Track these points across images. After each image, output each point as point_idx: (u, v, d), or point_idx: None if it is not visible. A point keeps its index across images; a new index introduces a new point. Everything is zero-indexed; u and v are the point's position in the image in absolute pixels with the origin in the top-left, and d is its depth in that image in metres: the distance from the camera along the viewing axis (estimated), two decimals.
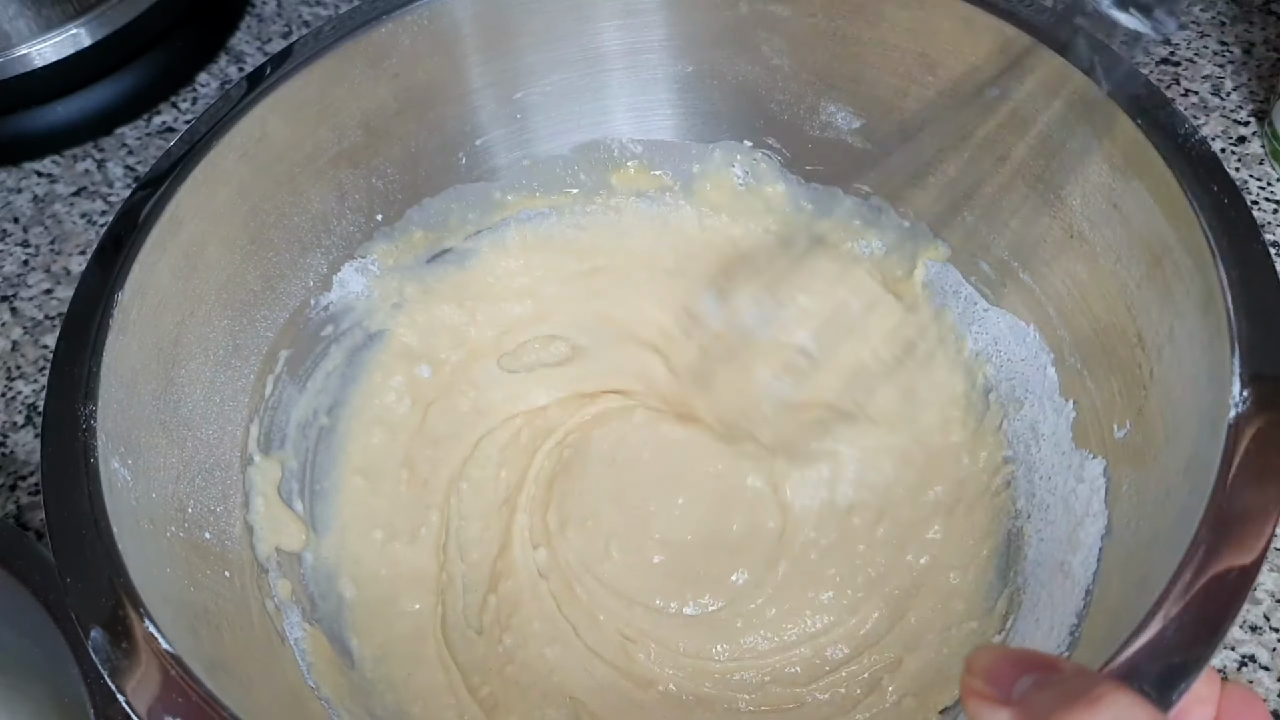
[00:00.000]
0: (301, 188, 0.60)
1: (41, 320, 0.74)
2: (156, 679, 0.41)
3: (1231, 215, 0.46)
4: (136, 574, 0.43)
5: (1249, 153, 0.75)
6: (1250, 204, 0.71)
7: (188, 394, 0.54)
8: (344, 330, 0.65)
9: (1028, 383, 0.60)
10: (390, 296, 0.66)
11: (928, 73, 0.59)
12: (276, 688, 0.51)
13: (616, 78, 0.65)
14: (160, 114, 0.86)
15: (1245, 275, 0.45)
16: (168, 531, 0.49)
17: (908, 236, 0.65)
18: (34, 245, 0.78)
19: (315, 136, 0.59)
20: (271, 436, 0.60)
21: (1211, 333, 0.45)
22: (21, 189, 0.82)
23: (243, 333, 0.58)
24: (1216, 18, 0.84)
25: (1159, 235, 0.49)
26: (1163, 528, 0.45)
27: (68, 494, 0.44)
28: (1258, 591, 0.57)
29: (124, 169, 0.83)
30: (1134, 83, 0.51)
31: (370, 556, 0.61)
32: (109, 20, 0.81)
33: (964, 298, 0.63)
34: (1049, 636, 0.50)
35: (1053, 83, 0.53)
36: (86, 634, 0.42)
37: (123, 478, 0.47)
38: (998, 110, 0.57)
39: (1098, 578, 0.49)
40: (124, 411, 0.49)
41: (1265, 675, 0.55)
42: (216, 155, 0.54)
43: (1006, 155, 0.57)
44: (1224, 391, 0.43)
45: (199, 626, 0.47)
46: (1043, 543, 0.55)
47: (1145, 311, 0.50)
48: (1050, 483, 0.57)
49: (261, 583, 0.55)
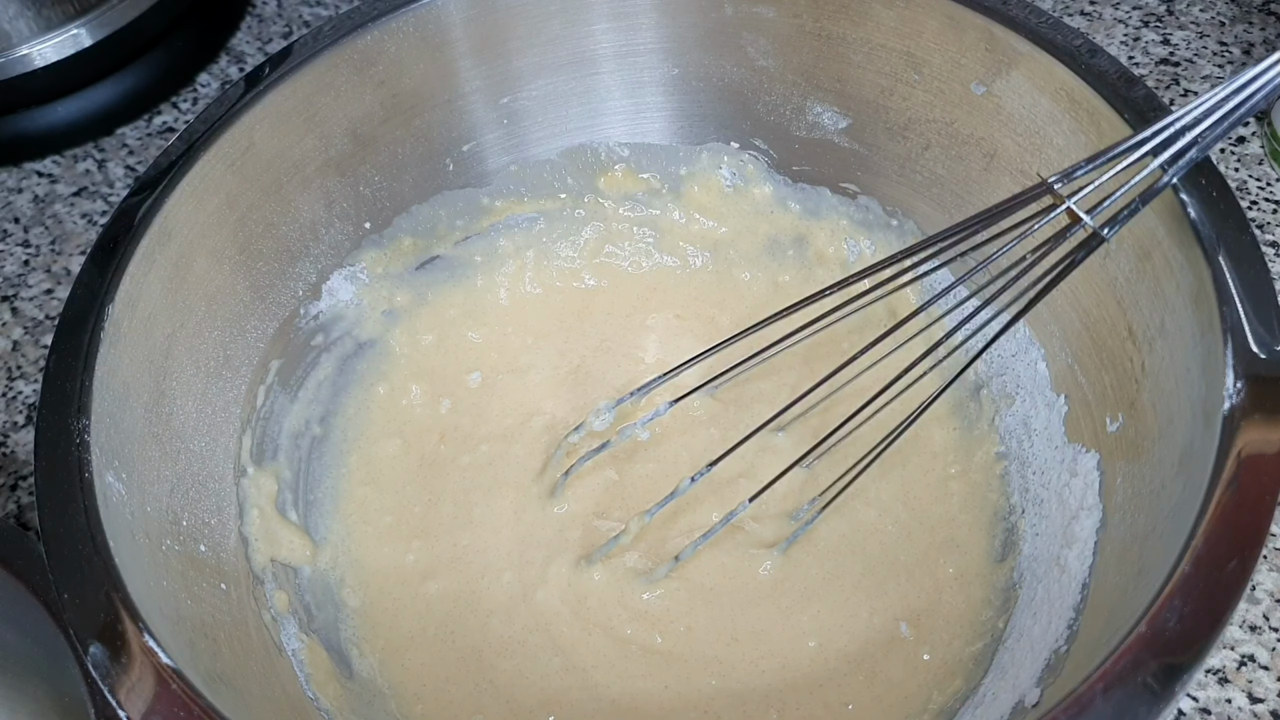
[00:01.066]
0: (289, 197, 0.59)
1: (42, 320, 0.74)
2: (157, 693, 0.41)
3: (1220, 208, 0.46)
4: (134, 588, 0.43)
5: (1248, 153, 0.75)
6: (1249, 204, 0.72)
7: (180, 406, 0.54)
8: (334, 339, 0.64)
9: (1019, 378, 0.60)
10: (380, 304, 0.66)
11: (914, 71, 0.59)
12: (275, 699, 0.51)
13: (603, 81, 0.65)
14: (161, 114, 0.86)
15: (1236, 268, 0.45)
16: (163, 545, 0.49)
17: (895, 235, 0.65)
18: (34, 245, 0.78)
19: (302, 145, 0.59)
20: (264, 447, 0.60)
21: (1203, 325, 0.45)
22: (22, 189, 0.82)
23: (233, 343, 0.58)
24: (1216, 18, 0.84)
25: (1148, 229, 0.49)
26: (1158, 521, 0.45)
27: (63, 509, 0.44)
28: (1256, 591, 0.58)
29: (124, 169, 0.82)
30: (1122, 79, 0.51)
31: (375, 566, 0.61)
32: (110, 20, 0.81)
33: (952, 294, 0.63)
34: (1046, 631, 0.50)
35: (1039, 79, 0.54)
36: (85, 649, 0.41)
37: (117, 491, 0.47)
38: (984, 107, 0.57)
39: (1094, 572, 0.49)
40: (117, 425, 0.48)
41: (1264, 675, 0.55)
42: (204, 166, 0.54)
43: (994, 152, 0.58)
44: (1217, 384, 0.43)
45: (197, 639, 0.47)
46: (1038, 538, 0.56)
47: (1135, 305, 0.51)
48: (1044, 478, 0.57)
49: (258, 594, 0.55)
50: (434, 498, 0.64)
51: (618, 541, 0.60)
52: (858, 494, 0.61)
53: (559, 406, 0.67)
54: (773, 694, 0.56)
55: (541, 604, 0.60)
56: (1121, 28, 0.84)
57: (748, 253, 0.70)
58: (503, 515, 0.63)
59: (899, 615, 0.58)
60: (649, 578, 0.60)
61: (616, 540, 0.60)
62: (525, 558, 0.61)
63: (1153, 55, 0.82)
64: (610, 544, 0.60)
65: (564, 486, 0.63)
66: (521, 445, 0.66)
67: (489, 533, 0.62)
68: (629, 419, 0.63)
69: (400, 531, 0.62)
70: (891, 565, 0.60)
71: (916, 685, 0.56)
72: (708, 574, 0.60)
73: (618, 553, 0.61)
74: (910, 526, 0.61)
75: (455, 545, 0.62)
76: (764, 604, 0.59)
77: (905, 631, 0.57)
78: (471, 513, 0.63)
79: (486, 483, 0.64)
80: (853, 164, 0.65)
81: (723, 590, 0.60)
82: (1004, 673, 0.52)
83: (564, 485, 0.63)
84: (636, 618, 0.59)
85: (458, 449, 0.65)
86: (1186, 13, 0.85)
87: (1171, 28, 0.84)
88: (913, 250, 0.51)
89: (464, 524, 0.63)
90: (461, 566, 0.61)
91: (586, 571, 0.60)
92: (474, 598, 0.60)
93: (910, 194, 0.63)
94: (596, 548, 0.61)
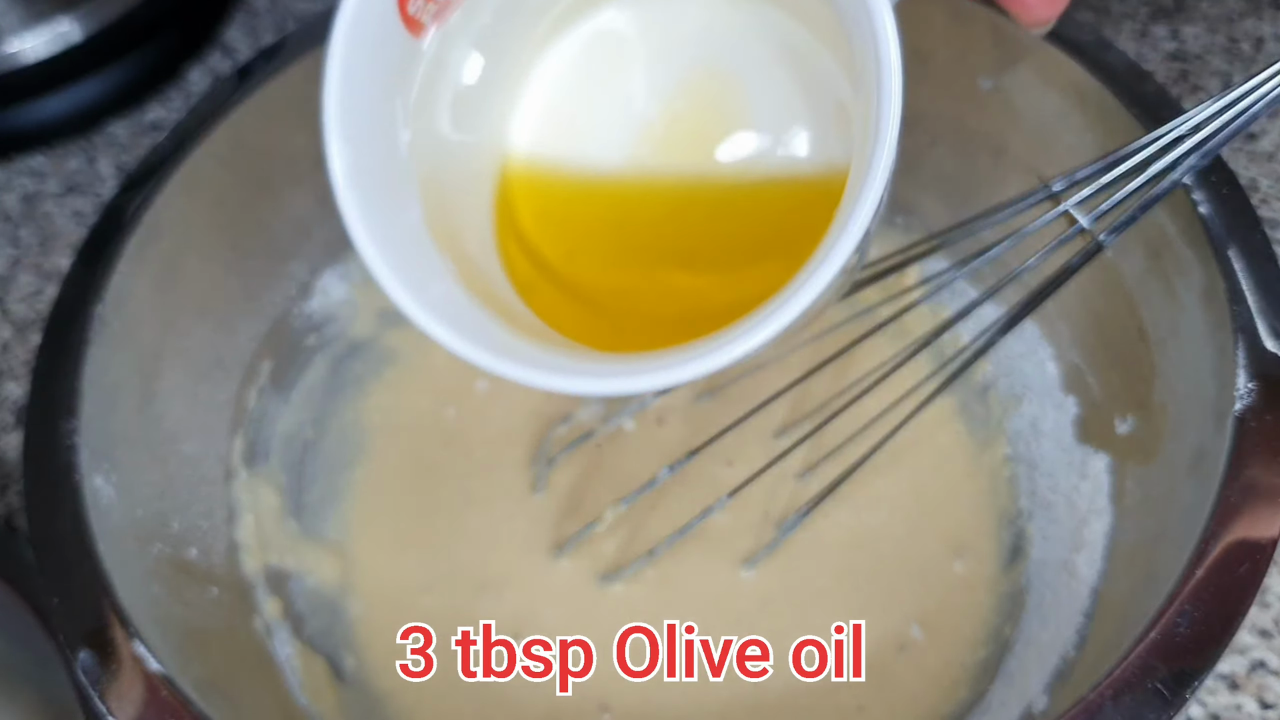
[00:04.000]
0: (281, 194, 0.58)
1: (32, 320, 0.73)
2: (147, 699, 0.40)
3: (1231, 206, 0.46)
4: (123, 593, 0.43)
5: (1259, 150, 0.75)
6: (1260, 202, 0.71)
7: (170, 408, 0.53)
8: (327, 340, 0.64)
9: (1027, 378, 0.59)
10: (374, 304, 0.65)
11: (920, 65, 0.58)
12: (266, 706, 0.51)
13: None
14: (151, 110, 0.86)
15: (1248, 266, 0.44)
16: (153, 549, 0.49)
17: (900, 232, 0.64)
18: (24, 244, 0.77)
19: (294, 141, 0.58)
20: (256, 450, 0.59)
21: (1215, 325, 0.44)
22: (11, 187, 0.81)
23: (224, 343, 0.57)
24: (1226, 13, 0.83)
25: (1158, 227, 0.48)
26: (1169, 524, 0.44)
27: (52, 513, 0.44)
28: (1267, 596, 0.57)
29: (114, 166, 0.82)
30: (1132, 74, 0.50)
31: (372, 573, 0.60)
32: (99, 15, 0.80)
33: (958, 292, 0.63)
34: (1056, 637, 0.49)
35: (1048, 74, 0.53)
36: (74, 654, 0.41)
37: (107, 495, 0.46)
38: (992, 103, 0.56)
39: (1104, 576, 0.49)
40: (106, 427, 0.48)
41: (1275, 681, 0.54)
42: (194, 163, 0.53)
43: (1002, 148, 0.57)
44: (1229, 384, 0.42)
45: (187, 646, 0.46)
46: (1046, 542, 0.55)
47: (1146, 304, 0.50)
48: (1053, 480, 0.56)
49: (249, 600, 0.55)
50: (430, 508, 0.63)
51: (592, 529, 0.59)
52: (867, 492, 0.60)
53: (558, 409, 0.66)
54: (786, 697, 0.56)
55: (543, 615, 0.59)
56: (1130, 22, 0.83)
57: None
58: (498, 528, 0.62)
59: (911, 616, 0.57)
60: (616, 576, 0.59)
61: (591, 528, 0.59)
62: (524, 571, 0.61)
63: (1161, 50, 0.81)
64: (584, 531, 0.59)
65: (547, 477, 0.62)
66: (519, 449, 0.65)
67: (485, 546, 0.62)
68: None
69: (399, 541, 0.62)
70: (903, 565, 0.59)
71: (926, 689, 0.55)
72: (710, 577, 0.60)
73: (619, 561, 0.60)
74: (921, 526, 0.60)
75: (451, 559, 0.61)
76: (779, 600, 0.59)
77: (917, 634, 0.57)
78: (467, 525, 0.62)
79: (484, 491, 0.63)
80: None
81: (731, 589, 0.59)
82: (1012, 679, 0.51)
83: (547, 475, 0.62)
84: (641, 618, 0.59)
85: (457, 456, 0.65)
86: (1196, 7, 0.84)
87: (1180, 22, 0.83)
88: (910, 250, 0.51)
89: (459, 536, 0.62)
90: (458, 580, 0.60)
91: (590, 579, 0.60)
92: (471, 613, 0.59)
93: (916, 190, 0.62)
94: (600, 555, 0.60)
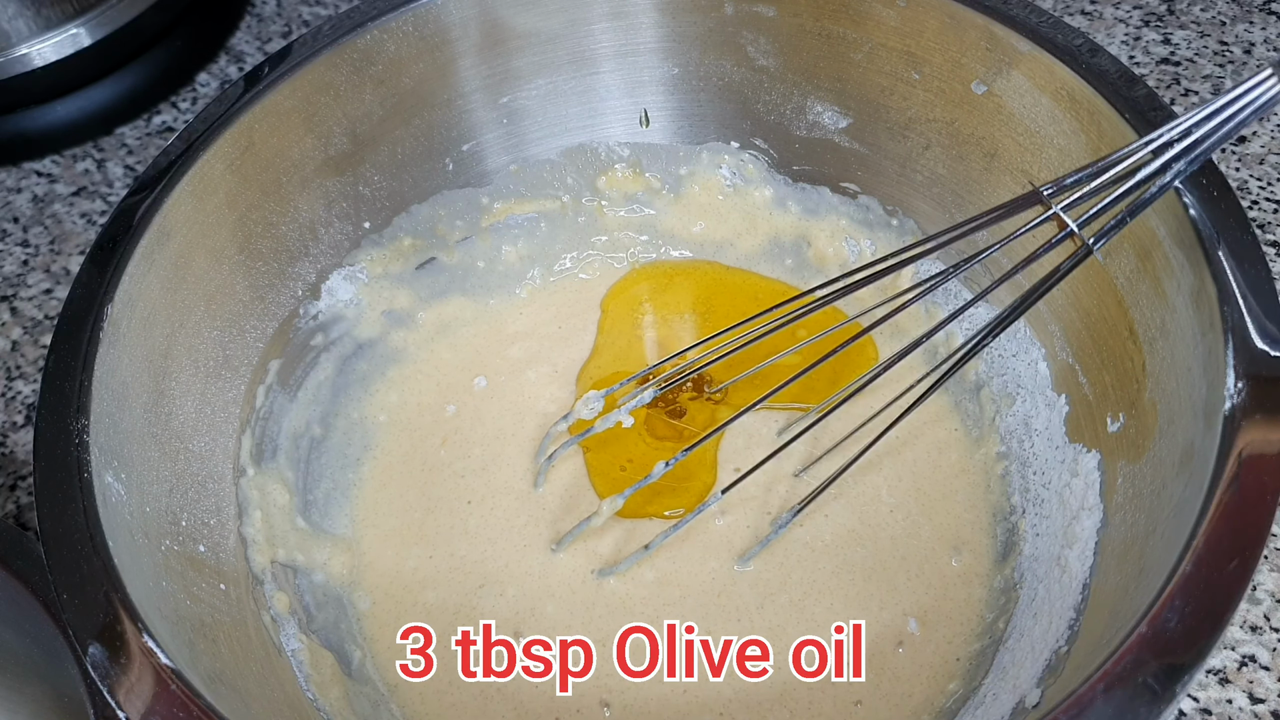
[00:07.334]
0: (289, 196, 0.59)
1: (41, 320, 0.74)
2: (156, 693, 0.41)
3: (1221, 208, 0.46)
4: (133, 588, 0.43)
5: (1249, 153, 0.75)
6: (1250, 204, 0.72)
7: (179, 406, 0.53)
8: (334, 339, 0.64)
9: (1019, 378, 0.60)
10: (380, 304, 0.66)
11: (914, 70, 0.59)
12: (274, 700, 0.51)
13: (603, 81, 0.65)
14: (160, 114, 0.86)
15: (1237, 267, 0.45)
16: (162, 545, 0.49)
17: (895, 234, 0.65)
18: (34, 245, 0.78)
19: (301, 145, 0.59)
20: (264, 447, 0.60)
21: (1204, 325, 0.45)
22: (21, 189, 0.82)
23: (232, 343, 0.58)
24: (1217, 17, 0.84)
25: (1149, 228, 0.49)
26: (1159, 521, 0.45)
27: (63, 509, 0.44)
28: (1257, 591, 0.57)
29: (124, 169, 0.82)
30: (1123, 79, 0.51)
31: (378, 568, 0.61)
32: (109, 20, 0.81)
33: (952, 293, 0.63)
34: (1047, 632, 0.50)
35: (1040, 79, 0.53)
36: (84, 649, 0.41)
37: (116, 492, 0.47)
38: (985, 107, 0.57)
39: (1095, 572, 0.49)
40: (116, 425, 0.48)
41: (1265, 675, 0.55)
42: (203, 166, 0.54)
43: (995, 152, 0.58)
44: (1218, 383, 0.43)
45: (196, 640, 0.46)
46: (1038, 538, 0.56)
47: (1136, 304, 0.51)
48: (1044, 477, 0.57)
49: (257, 595, 0.55)
50: (433, 504, 0.64)
51: (589, 523, 0.60)
52: (864, 489, 0.61)
53: (558, 407, 0.67)
54: (786, 691, 0.56)
55: (544, 613, 0.60)
56: (1122, 27, 0.84)
57: (748, 252, 0.70)
58: (498, 524, 0.63)
59: (908, 612, 0.58)
60: (613, 570, 0.60)
61: (588, 522, 0.60)
62: (523, 568, 0.61)
63: (1153, 55, 0.82)
64: (581, 525, 0.60)
65: (546, 473, 0.63)
66: (518, 447, 0.66)
67: (485, 543, 0.62)
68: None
69: (403, 536, 0.62)
70: (901, 561, 0.60)
71: (922, 683, 0.56)
72: (710, 574, 0.60)
73: (616, 556, 0.61)
74: (918, 523, 0.61)
75: (453, 555, 0.62)
76: (778, 596, 0.59)
77: (914, 628, 0.57)
78: (468, 522, 0.63)
79: (483, 489, 0.64)
80: (853, 163, 0.65)
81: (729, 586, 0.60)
82: (1004, 673, 0.52)
83: (546, 470, 0.63)
84: (641, 617, 0.59)
85: (457, 453, 0.65)
86: (1187, 12, 0.85)
87: (1172, 27, 0.84)
88: (903, 252, 0.51)
89: (461, 533, 0.62)
90: (460, 577, 0.61)
91: (588, 576, 0.60)
92: (472, 610, 0.60)
93: (911, 193, 0.63)
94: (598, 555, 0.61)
